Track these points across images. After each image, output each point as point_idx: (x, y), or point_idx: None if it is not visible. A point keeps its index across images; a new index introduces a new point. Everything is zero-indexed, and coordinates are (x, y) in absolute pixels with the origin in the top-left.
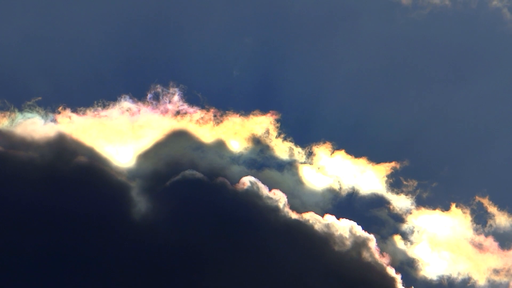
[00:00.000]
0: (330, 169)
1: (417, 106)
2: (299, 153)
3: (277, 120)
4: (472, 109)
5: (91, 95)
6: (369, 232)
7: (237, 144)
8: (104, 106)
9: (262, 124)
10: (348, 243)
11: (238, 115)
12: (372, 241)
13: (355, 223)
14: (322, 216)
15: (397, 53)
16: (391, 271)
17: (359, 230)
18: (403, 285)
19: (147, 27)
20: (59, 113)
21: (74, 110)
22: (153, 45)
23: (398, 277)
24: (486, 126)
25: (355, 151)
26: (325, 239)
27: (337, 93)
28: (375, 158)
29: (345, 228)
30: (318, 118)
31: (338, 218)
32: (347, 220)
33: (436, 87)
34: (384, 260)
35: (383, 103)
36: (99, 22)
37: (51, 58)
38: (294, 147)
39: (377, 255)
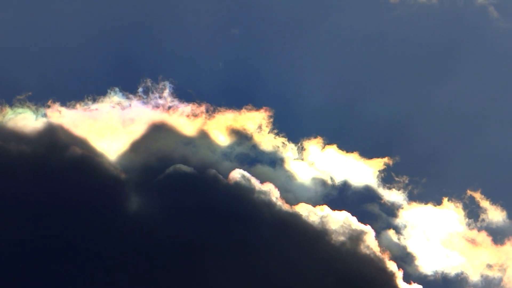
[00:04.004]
0: (322, 164)
1: (407, 102)
2: (292, 149)
3: (270, 116)
4: (461, 105)
5: (81, 89)
6: None
7: (229, 140)
8: (95, 100)
9: (255, 119)
10: (345, 235)
11: (230, 111)
12: (369, 234)
13: (349, 214)
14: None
15: (387, 50)
16: (390, 264)
17: (355, 223)
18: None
19: (134, 20)
20: (49, 107)
21: (63, 104)
22: (141, 38)
23: (396, 271)
24: (475, 121)
25: (346, 146)
26: (321, 232)
27: (328, 88)
28: (367, 153)
29: (340, 221)
30: (310, 113)
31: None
32: (343, 211)
33: (425, 83)
34: (384, 254)
35: (374, 99)
36: (88, 16)
37: (41, 52)
38: (286, 142)
39: (375, 247)
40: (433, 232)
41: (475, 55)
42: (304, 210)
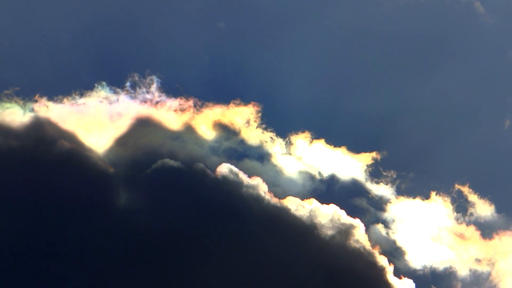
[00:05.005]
0: (310, 158)
1: (394, 97)
2: (279, 144)
3: (258, 111)
4: (448, 100)
5: (68, 84)
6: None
7: (217, 134)
8: (82, 95)
9: (243, 114)
10: (334, 229)
11: (218, 105)
12: (358, 227)
13: (338, 208)
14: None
15: (374, 46)
16: (381, 259)
17: (344, 216)
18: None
19: (121, 15)
20: (36, 101)
21: (51, 99)
22: (128, 33)
23: (387, 266)
24: (462, 116)
25: (334, 141)
26: (310, 225)
27: (316, 83)
28: (355, 148)
29: (329, 215)
30: (298, 108)
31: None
32: (332, 205)
33: (413, 79)
34: (374, 248)
35: (362, 94)
36: (75, 11)
37: (28, 47)
38: (274, 137)
39: (365, 242)
40: (421, 226)
41: (461, 51)
42: (293, 204)
